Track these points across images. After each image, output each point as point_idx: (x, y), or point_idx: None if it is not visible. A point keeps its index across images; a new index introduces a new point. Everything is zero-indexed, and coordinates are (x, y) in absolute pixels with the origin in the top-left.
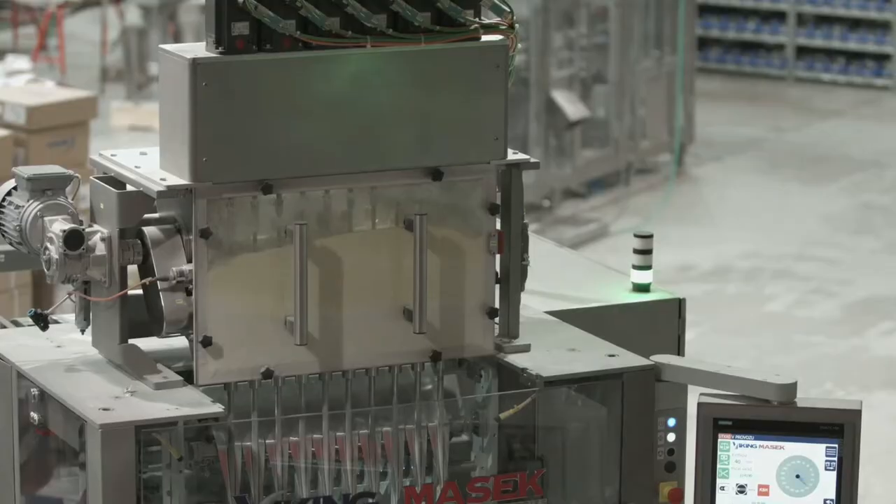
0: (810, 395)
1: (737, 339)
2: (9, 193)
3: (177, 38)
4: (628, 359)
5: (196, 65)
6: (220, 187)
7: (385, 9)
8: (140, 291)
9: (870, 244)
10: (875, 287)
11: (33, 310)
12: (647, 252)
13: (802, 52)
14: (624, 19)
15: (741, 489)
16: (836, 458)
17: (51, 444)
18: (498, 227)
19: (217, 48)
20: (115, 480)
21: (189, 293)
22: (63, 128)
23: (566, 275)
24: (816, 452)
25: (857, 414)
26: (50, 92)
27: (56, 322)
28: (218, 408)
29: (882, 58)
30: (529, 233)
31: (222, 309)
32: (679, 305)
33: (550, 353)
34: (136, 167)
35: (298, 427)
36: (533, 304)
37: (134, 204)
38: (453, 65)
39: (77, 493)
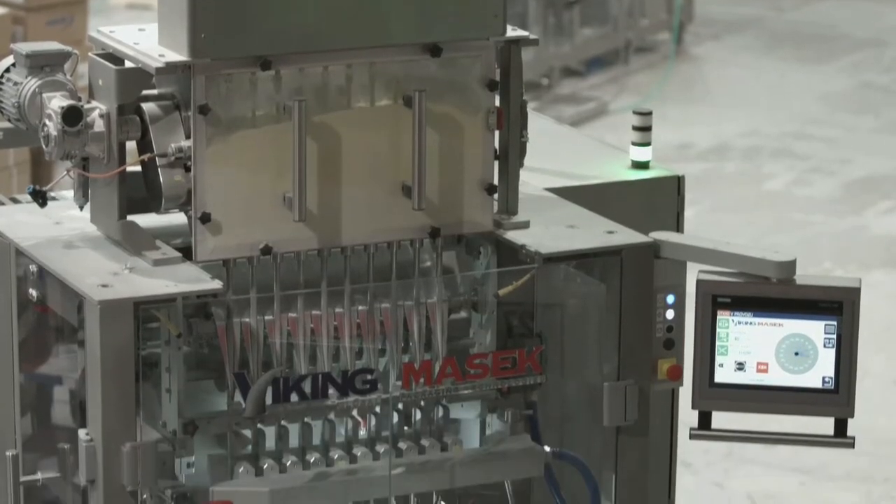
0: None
1: (735, 217)
2: (7, 70)
3: None
4: (627, 235)
5: None
6: (219, 63)
7: None
8: (138, 168)
9: (869, 123)
10: (874, 166)
11: (32, 186)
12: (646, 129)
13: None
14: None
15: (740, 366)
16: (834, 336)
17: (49, 322)
18: (497, 104)
19: None
20: (113, 357)
21: (187, 169)
22: (61, 5)
23: (565, 152)
24: (815, 330)
25: (856, 292)
26: None
27: (54, 199)
28: (217, 284)
29: None
30: (528, 110)
31: (221, 185)
32: (678, 183)
33: (549, 229)
34: (134, 44)
35: (297, 303)
36: (532, 180)
37: (132, 80)
38: None
39: (76, 370)
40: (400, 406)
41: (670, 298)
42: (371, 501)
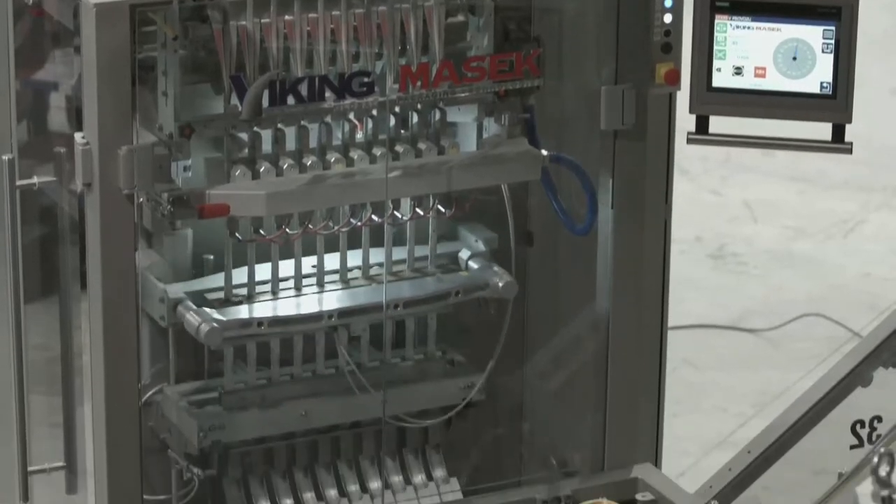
0: None
1: None
2: None
3: None
4: None
5: None
6: None
7: None
8: None
9: None
10: None
11: None
12: None
13: None
14: None
15: (738, 71)
16: (833, 41)
17: (46, 27)
18: None
19: None
20: (109, 60)
21: None
22: None
23: None
24: (814, 34)
25: None
26: None
27: None
28: None
29: None
30: None
31: None
32: None
33: None
34: None
35: (293, 6)
36: None
37: None
38: None
39: (72, 76)
40: (397, 109)
41: (668, 2)
42: (368, 204)
